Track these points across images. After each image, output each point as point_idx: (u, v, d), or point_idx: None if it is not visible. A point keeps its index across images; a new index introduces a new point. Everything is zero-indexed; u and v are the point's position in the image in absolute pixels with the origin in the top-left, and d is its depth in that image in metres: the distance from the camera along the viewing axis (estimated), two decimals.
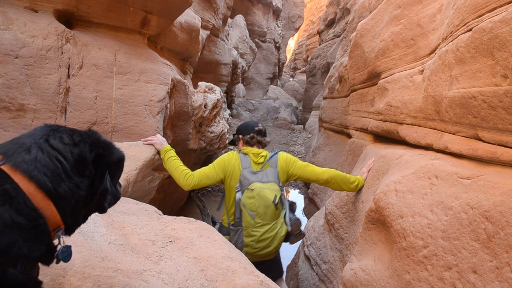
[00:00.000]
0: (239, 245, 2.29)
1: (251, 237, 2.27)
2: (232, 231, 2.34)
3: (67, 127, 0.93)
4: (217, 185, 6.58)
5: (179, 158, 2.50)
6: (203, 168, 2.44)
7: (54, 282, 1.19)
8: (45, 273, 1.19)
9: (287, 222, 2.37)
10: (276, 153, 2.47)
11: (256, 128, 2.50)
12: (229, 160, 2.39)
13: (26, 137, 0.84)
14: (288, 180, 2.48)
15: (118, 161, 0.96)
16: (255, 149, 2.44)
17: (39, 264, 0.84)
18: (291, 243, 2.49)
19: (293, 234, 2.42)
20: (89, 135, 0.93)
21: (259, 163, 2.39)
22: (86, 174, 0.87)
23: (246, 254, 2.23)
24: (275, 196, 2.27)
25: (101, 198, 0.97)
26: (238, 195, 2.29)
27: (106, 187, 0.96)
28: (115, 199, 1.05)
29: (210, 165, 2.44)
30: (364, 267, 1.91)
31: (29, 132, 0.86)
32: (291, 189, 8.43)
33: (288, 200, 2.50)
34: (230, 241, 2.31)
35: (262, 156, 2.42)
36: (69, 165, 0.83)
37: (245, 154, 2.42)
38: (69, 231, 0.89)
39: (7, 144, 0.82)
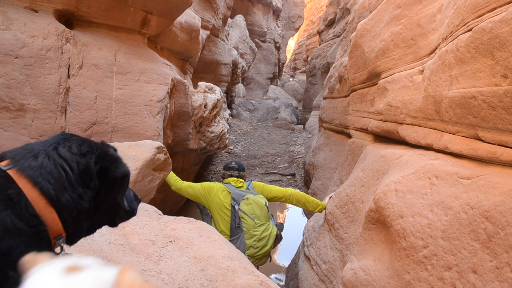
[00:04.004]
0: (242, 250, 2.63)
1: (253, 237, 2.71)
2: (233, 240, 2.70)
3: (80, 136, 0.92)
4: None
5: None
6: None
7: None
8: None
9: (275, 225, 2.92)
10: (250, 181, 3.07)
11: (229, 166, 3.14)
12: (215, 186, 2.93)
13: (38, 144, 0.84)
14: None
15: (122, 177, 0.95)
16: (233, 178, 3.03)
17: None
18: (273, 246, 2.92)
19: (277, 237, 2.91)
20: (98, 147, 0.91)
21: (239, 187, 2.95)
22: (90, 185, 0.86)
23: (249, 257, 2.61)
24: (265, 201, 2.87)
25: (112, 213, 0.97)
26: (236, 207, 2.77)
27: (117, 202, 0.96)
28: (128, 214, 1.04)
29: (199, 183, 3.02)
30: (364, 267, 1.91)
31: (45, 139, 0.87)
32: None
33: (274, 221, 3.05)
34: None
35: (240, 182, 3.02)
36: (74, 175, 0.83)
37: (227, 183, 3.00)
38: (70, 240, 0.88)
39: (18, 149, 0.83)
